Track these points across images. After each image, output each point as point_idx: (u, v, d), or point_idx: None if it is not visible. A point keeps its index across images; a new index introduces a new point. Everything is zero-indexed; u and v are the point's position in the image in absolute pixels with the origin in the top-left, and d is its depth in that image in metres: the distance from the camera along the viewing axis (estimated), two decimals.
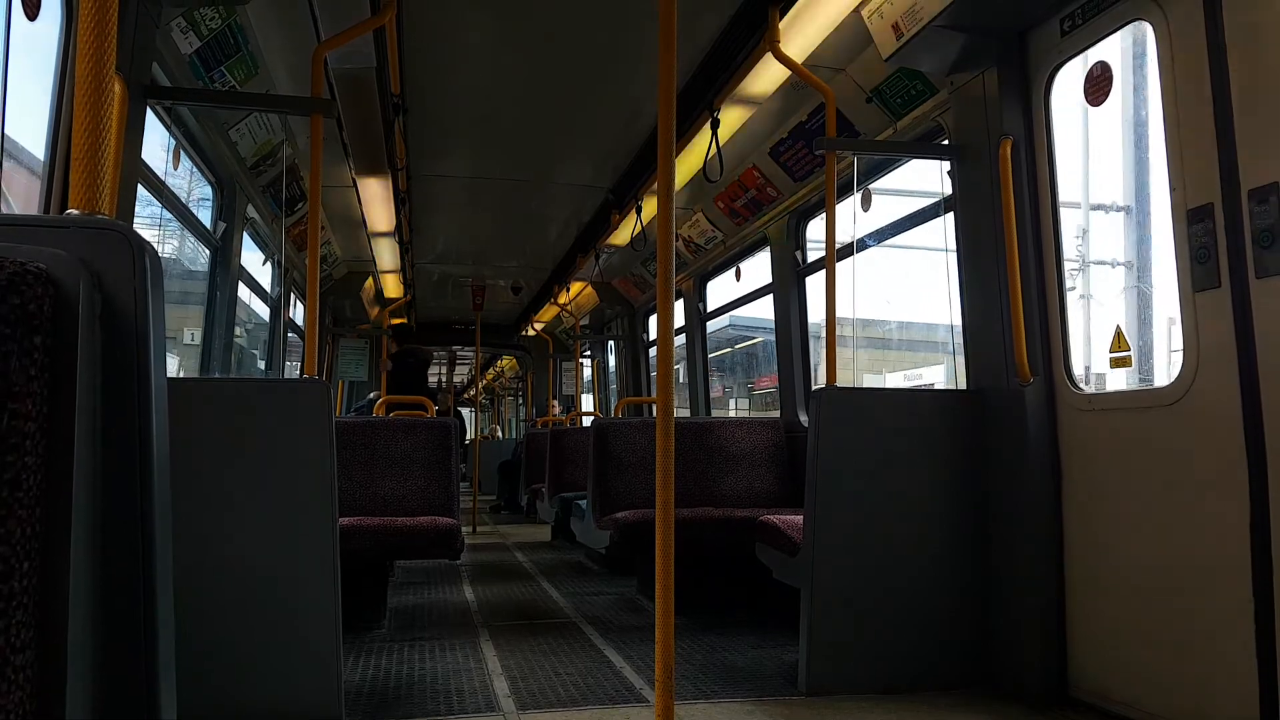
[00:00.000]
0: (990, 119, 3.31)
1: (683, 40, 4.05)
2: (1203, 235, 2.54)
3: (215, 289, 5.07)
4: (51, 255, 1.21)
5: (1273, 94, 2.34)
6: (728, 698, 3.16)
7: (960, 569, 3.35)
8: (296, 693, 2.77)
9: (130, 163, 3.02)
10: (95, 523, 1.23)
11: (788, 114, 4.74)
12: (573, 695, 3.19)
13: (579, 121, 5.21)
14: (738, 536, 4.33)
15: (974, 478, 3.38)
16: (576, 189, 6.55)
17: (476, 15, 3.98)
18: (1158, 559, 2.74)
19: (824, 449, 3.28)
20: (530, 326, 11.47)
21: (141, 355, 1.28)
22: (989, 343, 3.37)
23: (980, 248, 3.41)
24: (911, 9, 3.18)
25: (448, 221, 7.56)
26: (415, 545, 4.07)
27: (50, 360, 1.17)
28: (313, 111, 3.26)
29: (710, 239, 6.66)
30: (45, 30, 2.91)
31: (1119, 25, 2.89)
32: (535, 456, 9.13)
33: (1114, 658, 2.92)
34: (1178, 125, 2.63)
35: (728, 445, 5.13)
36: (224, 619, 2.74)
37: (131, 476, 1.27)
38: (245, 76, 4.11)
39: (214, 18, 3.62)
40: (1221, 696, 2.50)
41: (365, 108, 4.16)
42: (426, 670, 3.55)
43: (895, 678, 3.25)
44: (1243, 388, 2.44)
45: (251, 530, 2.78)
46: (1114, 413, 2.94)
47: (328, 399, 2.90)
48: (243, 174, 4.97)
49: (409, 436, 4.68)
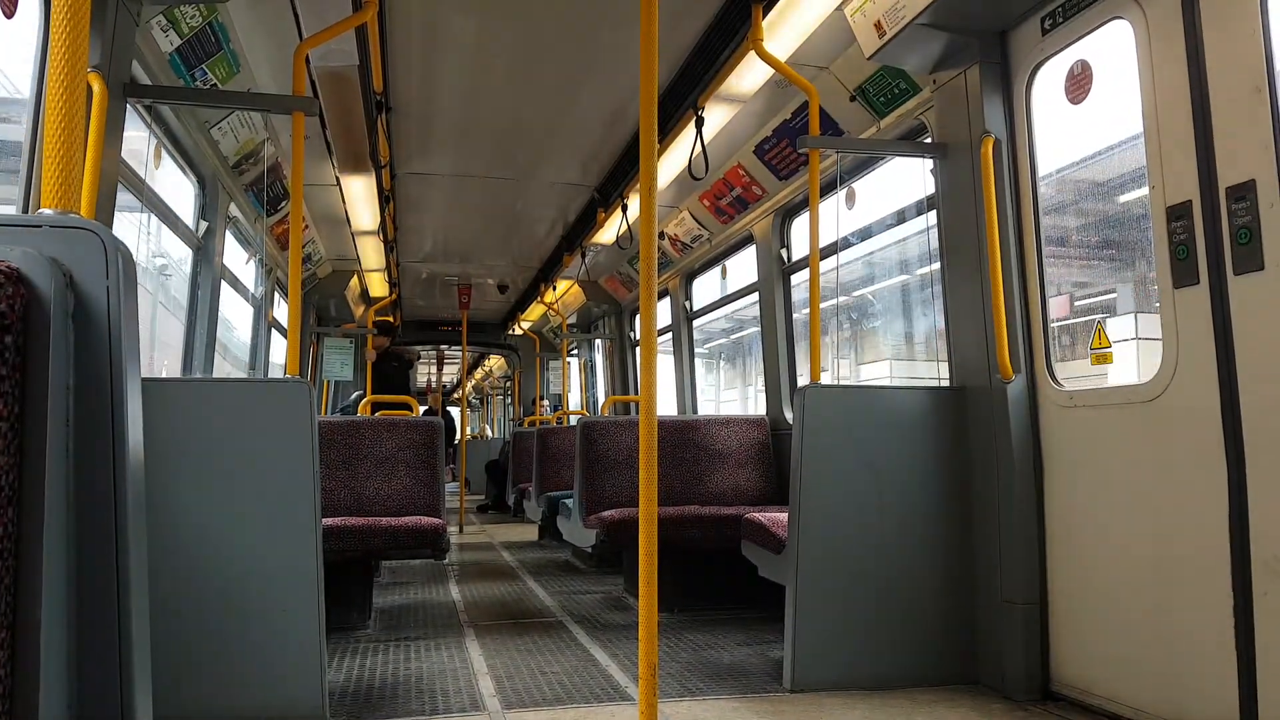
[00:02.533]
0: (972, 117, 3.33)
1: (666, 39, 4.08)
2: (1181, 232, 2.55)
3: (197, 288, 5.04)
4: (23, 254, 1.20)
5: (1250, 92, 2.35)
6: (713, 695, 3.16)
7: (943, 566, 3.36)
8: (280, 693, 2.76)
9: (110, 162, 3.00)
10: (69, 522, 1.22)
11: (772, 112, 4.74)
12: (558, 694, 3.18)
13: (564, 120, 5.20)
14: (723, 534, 4.34)
15: (957, 474, 3.40)
16: (562, 187, 6.53)
17: (460, 12, 3.97)
18: (1138, 555, 2.76)
19: (808, 446, 3.29)
20: (517, 325, 11.46)
21: (114, 354, 1.27)
22: (971, 340, 3.39)
23: (962, 245, 3.43)
24: (894, 8, 3.19)
25: (433, 220, 7.53)
26: (400, 545, 4.06)
27: (22, 359, 1.16)
28: (295, 110, 3.24)
29: (696, 237, 6.67)
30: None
31: (1099, 24, 2.91)
32: (522, 455, 9.12)
33: (1096, 652, 2.94)
34: (1156, 122, 2.65)
35: (713, 443, 5.14)
36: (207, 620, 2.72)
37: (105, 476, 1.26)
38: (227, 75, 4.09)
39: (194, 16, 3.60)
40: (1201, 690, 2.53)
41: (348, 106, 4.14)
42: (411, 670, 3.54)
43: (880, 674, 3.27)
44: (1221, 384, 2.46)
45: (234, 531, 2.76)
46: (1095, 409, 2.96)
47: (311, 399, 2.89)
48: (225, 173, 4.94)
49: (393, 436, 4.66)
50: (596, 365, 11.89)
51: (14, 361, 1.15)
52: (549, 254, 8.51)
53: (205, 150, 4.62)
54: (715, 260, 6.78)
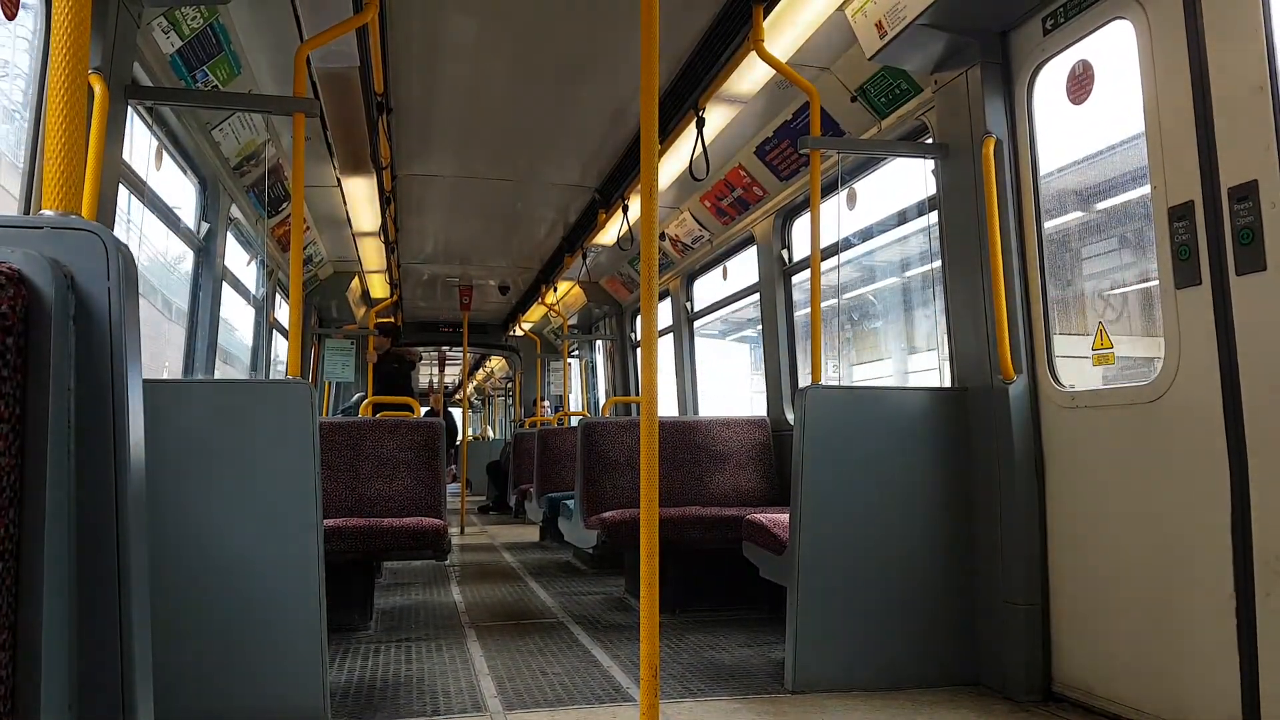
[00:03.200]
0: (974, 118, 3.33)
1: (667, 39, 4.08)
2: (1183, 233, 2.55)
3: (199, 290, 5.04)
4: (24, 256, 1.20)
5: (1252, 92, 2.35)
6: (714, 696, 3.16)
7: (945, 566, 3.36)
8: (282, 694, 2.76)
9: (111, 163, 3.00)
10: (70, 524, 1.22)
11: (773, 113, 4.74)
12: (559, 695, 3.18)
13: (565, 120, 5.20)
14: (725, 535, 4.34)
15: (958, 475, 3.39)
16: (563, 188, 6.54)
17: (460, 13, 3.97)
18: (1141, 556, 2.76)
19: (810, 447, 3.29)
20: (518, 326, 11.45)
21: (115, 356, 1.27)
22: (973, 341, 3.38)
23: (964, 246, 3.42)
24: (895, 8, 3.19)
25: (434, 221, 7.54)
26: (401, 546, 4.06)
27: (22, 361, 1.16)
28: (295, 111, 3.24)
29: (697, 238, 6.67)
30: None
31: (1100, 24, 2.90)
32: (523, 457, 9.12)
33: (1098, 654, 2.93)
34: (1158, 123, 2.65)
35: (715, 444, 5.13)
36: (209, 620, 2.72)
37: (106, 477, 1.26)
38: (228, 76, 4.09)
39: (195, 17, 3.60)
40: (1204, 691, 2.52)
41: (349, 107, 4.15)
42: (413, 671, 3.54)
43: (881, 675, 3.26)
44: (1223, 384, 2.46)
45: (235, 532, 2.76)
46: (1096, 410, 2.96)
47: (312, 400, 2.89)
48: (226, 174, 4.94)
49: (395, 437, 4.67)
50: (598, 366, 11.89)
51: (15, 363, 1.15)
52: (550, 255, 8.51)
53: (206, 151, 4.63)
54: (716, 261, 6.77)
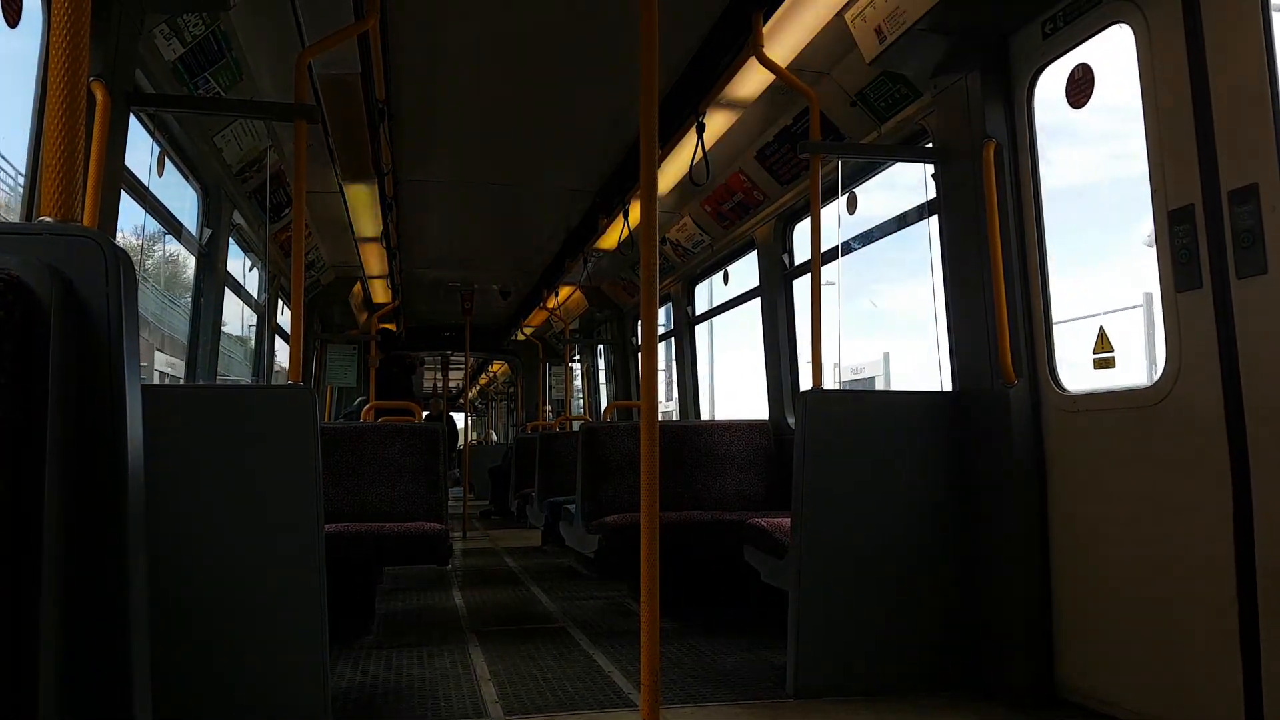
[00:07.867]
0: (974, 122, 3.32)
1: (667, 45, 4.06)
2: (1184, 236, 2.55)
3: (201, 295, 5.05)
4: (23, 262, 1.20)
5: (1252, 95, 2.35)
6: (715, 701, 3.15)
7: (947, 571, 3.35)
8: (283, 700, 2.76)
9: (113, 170, 3.01)
10: (68, 529, 1.22)
11: (773, 118, 4.74)
12: (560, 700, 3.18)
13: (565, 126, 5.21)
14: (726, 539, 4.32)
15: (960, 479, 3.39)
16: (564, 193, 6.54)
17: (461, 19, 3.98)
18: (1143, 559, 2.75)
19: (810, 451, 3.28)
20: (520, 331, 11.46)
21: (114, 362, 1.27)
22: (974, 344, 3.38)
23: (964, 250, 3.42)
24: (894, 13, 3.19)
25: (435, 226, 7.55)
26: (402, 551, 4.06)
27: (21, 367, 1.17)
28: (297, 118, 3.25)
29: (698, 242, 6.67)
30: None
31: (1100, 28, 2.91)
32: (525, 461, 9.11)
33: (1100, 658, 2.92)
34: (1158, 126, 2.65)
35: (716, 448, 5.13)
36: (210, 626, 2.72)
37: (104, 483, 1.26)
38: (229, 83, 4.10)
39: (197, 24, 3.61)
40: (1207, 696, 2.51)
41: (350, 113, 4.15)
42: (414, 676, 3.54)
43: (883, 680, 3.25)
44: (1225, 387, 2.45)
45: (237, 537, 2.76)
46: (1098, 413, 2.95)
47: (313, 405, 2.89)
48: (228, 180, 4.95)
49: (396, 442, 4.66)
50: (599, 370, 11.89)
51: (13, 369, 1.15)
52: (551, 260, 8.52)
53: (208, 158, 4.63)
54: (717, 265, 6.77)
